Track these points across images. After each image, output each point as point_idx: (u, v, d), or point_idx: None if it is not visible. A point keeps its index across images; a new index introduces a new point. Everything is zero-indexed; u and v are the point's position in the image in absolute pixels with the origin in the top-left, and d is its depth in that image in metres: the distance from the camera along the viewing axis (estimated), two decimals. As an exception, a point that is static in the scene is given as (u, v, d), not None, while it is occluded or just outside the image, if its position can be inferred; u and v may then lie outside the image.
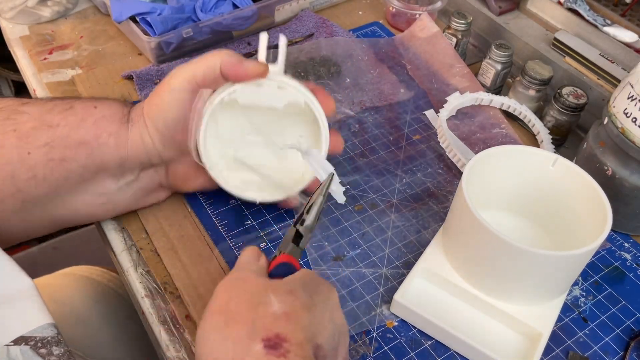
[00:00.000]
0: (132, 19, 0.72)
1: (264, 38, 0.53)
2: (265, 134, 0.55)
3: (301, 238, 0.43)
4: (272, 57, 0.53)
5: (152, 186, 0.54)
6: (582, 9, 0.71)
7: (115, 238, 0.55)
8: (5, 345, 0.39)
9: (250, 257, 0.42)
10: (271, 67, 0.51)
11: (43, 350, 0.39)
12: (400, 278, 0.52)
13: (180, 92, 0.48)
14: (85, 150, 0.47)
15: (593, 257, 0.56)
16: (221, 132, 0.54)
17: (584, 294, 0.53)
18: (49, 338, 0.40)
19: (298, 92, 0.50)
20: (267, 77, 0.50)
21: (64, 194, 0.49)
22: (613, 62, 0.67)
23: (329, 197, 0.46)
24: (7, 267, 0.42)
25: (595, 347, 0.49)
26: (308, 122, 0.53)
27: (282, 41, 0.53)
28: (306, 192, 0.54)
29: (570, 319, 0.51)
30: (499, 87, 0.72)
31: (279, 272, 0.41)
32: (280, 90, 0.51)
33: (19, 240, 0.52)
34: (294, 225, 0.43)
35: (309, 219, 0.43)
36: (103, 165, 0.48)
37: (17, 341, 0.39)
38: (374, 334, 0.49)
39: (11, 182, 0.46)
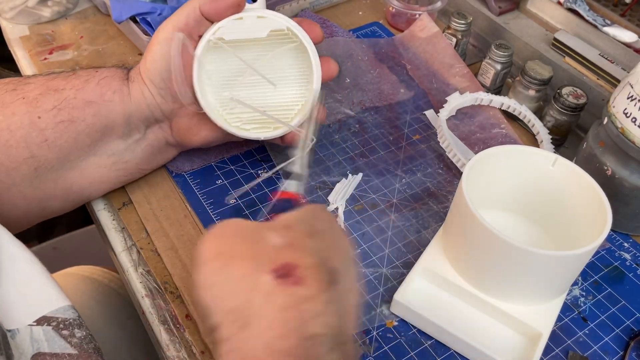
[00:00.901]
0: (132, 19, 0.72)
1: None
2: (257, 70, 0.55)
3: (296, 163, 0.43)
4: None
5: (159, 144, 0.55)
6: (582, 9, 0.71)
7: (115, 238, 0.56)
8: (29, 325, 0.38)
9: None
10: (250, 4, 0.52)
11: (65, 332, 0.39)
12: (400, 278, 0.52)
13: (168, 41, 0.50)
14: (92, 109, 0.49)
15: (593, 257, 0.56)
16: (214, 74, 0.54)
17: (584, 294, 0.53)
18: (70, 320, 0.40)
19: (278, 18, 0.52)
20: (247, 10, 0.51)
21: (74, 158, 0.50)
22: (613, 62, 0.67)
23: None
24: (23, 253, 0.42)
25: (595, 347, 0.49)
26: (298, 52, 0.54)
27: None
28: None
29: (570, 318, 0.51)
30: (499, 87, 0.72)
31: (279, 209, 0.39)
32: (261, 19, 0.52)
33: (35, 219, 0.53)
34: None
35: (301, 141, 0.45)
36: (110, 123, 0.50)
37: (40, 321, 0.39)
38: (374, 333, 0.49)
39: (25, 146, 0.47)
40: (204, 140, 0.56)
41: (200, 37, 0.51)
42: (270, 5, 0.75)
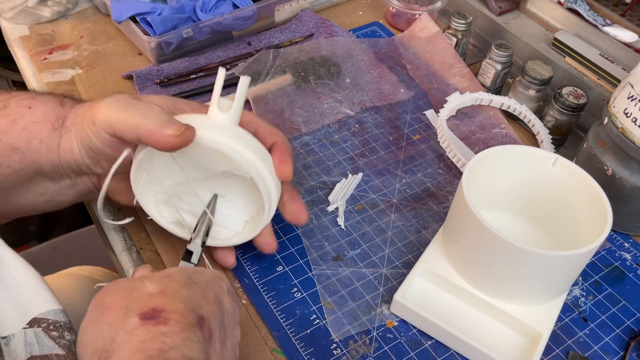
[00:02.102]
0: (132, 19, 0.72)
1: (221, 74, 0.46)
2: (204, 176, 0.51)
3: (191, 255, 0.47)
4: (272, 58, 0.52)
5: (89, 191, 0.51)
6: (582, 9, 0.71)
7: (115, 238, 0.55)
8: (23, 328, 0.39)
9: (139, 272, 0.41)
10: (221, 116, 0.46)
11: (54, 334, 0.39)
12: (400, 278, 0.52)
13: (101, 132, 0.45)
14: (17, 155, 0.46)
15: (593, 257, 0.56)
16: (157, 171, 0.49)
17: (584, 294, 0.53)
18: (61, 323, 0.40)
19: (242, 162, 0.45)
20: (203, 141, 0.44)
21: (4, 194, 0.47)
22: (613, 62, 0.67)
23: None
24: (13, 258, 0.42)
25: (595, 347, 0.49)
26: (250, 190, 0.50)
27: (242, 82, 0.46)
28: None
29: (570, 319, 0.51)
30: (499, 87, 0.72)
31: None
32: (220, 154, 0.45)
33: None
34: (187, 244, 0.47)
35: (198, 237, 0.48)
36: (38, 169, 0.47)
37: (31, 323, 0.39)
38: (374, 333, 0.49)
39: None
40: (129, 202, 0.51)
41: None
42: (270, 5, 0.76)
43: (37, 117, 0.46)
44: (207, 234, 0.48)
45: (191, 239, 0.48)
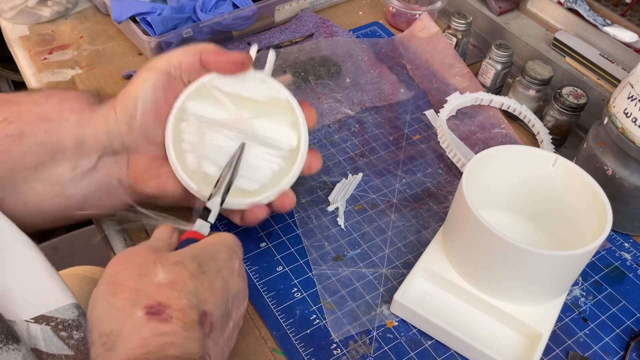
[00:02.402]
0: (132, 19, 0.72)
1: (254, 49, 0.53)
2: (240, 130, 0.51)
3: (209, 213, 0.45)
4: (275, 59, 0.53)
5: (109, 181, 0.49)
6: (582, 9, 0.71)
7: (115, 238, 0.55)
8: (26, 321, 0.39)
9: (160, 235, 0.43)
10: (257, 71, 0.51)
11: (64, 333, 0.40)
12: (400, 278, 0.52)
13: (156, 71, 0.47)
14: (45, 124, 0.45)
15: (593, 257, 0.56)
16: (193, 123, 0.50)
17: (584, 294, 0.53)
18: (70, 321, 0.41)
19: (281, 88, 0.51)
20: (250, 72, 0.50)
21: (17, 179, 0.46)
22: (613, 62, 0.67)
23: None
24: (28, 250, 0.42)
25: (595, 347, 0.49)
26: (287, 125, 0.51)
27: (271, 55, 0.53)
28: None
29: (570, 319, 0.51)
30: (499, 87, 0.72)
31: (183, 247, 0.42)
32: (263, 84, 0.50)
33: None
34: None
35: (217, 194, 0.46)
36: (60, 146, 0.46)
37: (38, 319, 0.40)
38: (374, 333, 0.49)
39: None
40: (160, 189, 0.49)
41: (189, 82, 0.49)
42: (270, 5, 0.76)
43: (75, 94, 0.48)
44: (227, 191, 0.47)
45: (211, 195, 0.46)
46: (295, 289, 0.51)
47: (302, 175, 0.50)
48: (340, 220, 0.57)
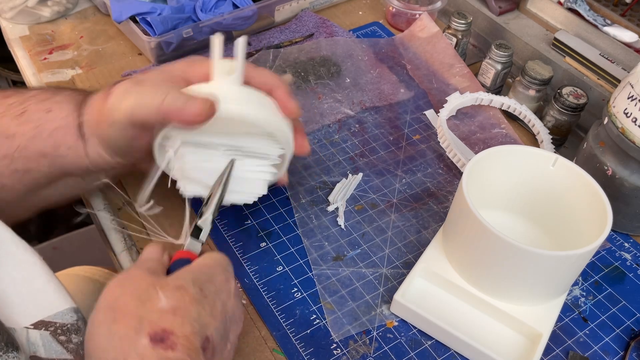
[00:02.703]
0: (132, 19, 0.72)
1: (217, 41, 0.48)
2: (227, 147, 0.50)
3: (201, 231, 0.45)
4: (272, 58, 0.52)
5: (125, 171, 0.53)
6: (582, 9, 0.71)
7: (115, 238, 0.55)
8: (25, 327, 0.39)
9: (150, 254, 0.42)
10: (226, 81, 0.47)
11: (62, 337, 0.40)
12: (400, 278, 0.52)
13: (122, 127, 0.45)
14: (47, 160, 0.47)
15: (593, 257, 0.56)
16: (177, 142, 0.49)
17: (584, 294, 0.53)
18: (68, 325, 0.40)
19: (259, 122, 0.46)
20: (220, 110, 0.45)
21: (37, 190, 0.49)
22: (613, 62, 0.67)
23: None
24: (25, 255, 0.42)
25: (596, 347, 0.49)
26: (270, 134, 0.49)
27: (241, 43, 0.47)
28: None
29: (570, 319, 0.51)
30: (499, 87, 0.72)
31: (177, 268, 0.41)
32: (236, 121, 0.46)
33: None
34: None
35: (208, 212, 0.46)
36: (68, 171, 0.48)
37: (37, 325, 0.39)
38: (374, 333, 0.49)
39: None
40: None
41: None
42: (270, 5, 0.76)
43: (59, 123, 0.47)
44: (218, 208, 0.47)
45: (202, 213, 0.46)
46: (295, 289, 0.51)
47: (297, 155, 0.51)
48: (340, 220, 0.57)
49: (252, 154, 0.50)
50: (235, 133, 0.49)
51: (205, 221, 0.45)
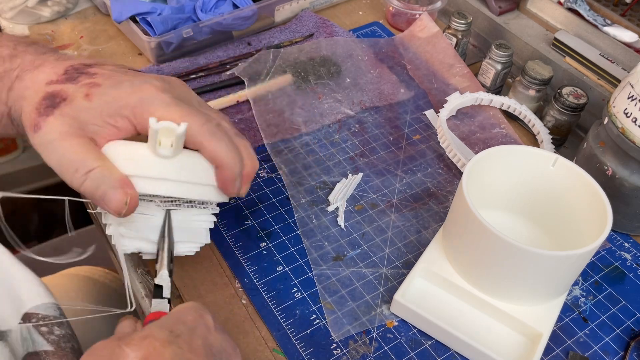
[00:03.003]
0: (132, 19, 0.72)
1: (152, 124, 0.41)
2: (162, 199, 0.47)
3: (162, 289, 0.43)
4: (272, 58, 0.51)
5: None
6: (582, 9, 0.71)
7: (116, 238, 0.55)
8: (19, 324, 0.39)
9: (123, 328, 0.40)
10: (159, 149, 0.42)
11: (44, 329, 0.39)
12: (400, 278, 0.52)
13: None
14: None
15: (593, 257, 0.56)
16: None
17: (584, 294, 0.53)
18: (51, 317, 0.40)
19: (189, 196, 0.44)
20: (137, 187, 0.42)
21: None
22: (613, 62, 0.67)
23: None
24: (2, 253, 0.42)
25: (596, 347, 0.49)
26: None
27: (182, 127, 0.41)
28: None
29: (570, 319, 0.51)
30: (499, 87, 0.72)
31: None
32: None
33: None
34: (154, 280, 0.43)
35: (162, 268, 0.43)
36: None
37: (24, 318, 0.39)
38: (374, 333, 0.49)
39: None
40: None
41: None
42: (270, 5, 0.76)
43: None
44: (171, 260, 0.45)
45: (156, 271, 0.44)
46: (295, 289, 0.51)
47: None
48: (340, 220, 0.57)
49: (188, 205, 0.47)
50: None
51: (163, 277, 0.43)
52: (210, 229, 0.49)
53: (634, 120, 0.50)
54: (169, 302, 0.43)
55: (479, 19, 0.78)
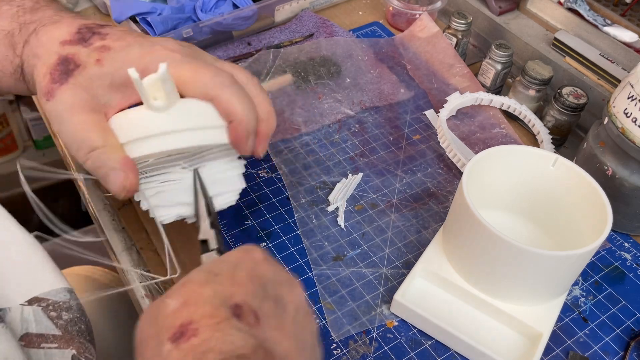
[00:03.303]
0: (132, 19, 0.72)
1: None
2: (186, 158, 0.46)
3: (207, 243, 0.42)
4: (272, 58, 0.50)
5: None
6: (582, 9, 0.71)
7: (115, 238, 0.55)
8: (20, 304, 0.39)
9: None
10: (153, 104, 0.41)
11: (53, 314, 0.40)
12: (400, 278, 0.52)
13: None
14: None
15: (593, 257, 0.56)
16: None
17: (584, 294, 0.53)
18: (60, 303, 0.41)
19: (186, 147, 0.42)
20: (142, 149, 0.42)
21: None
22: (613, 62, 0.67)
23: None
24: (23, 235, 0.42)
25: (595, 347, 0.49)
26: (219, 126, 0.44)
27: (162, 68, 0.39)
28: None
29: (570, 319, 0.51)
30: (499, 87, 0.72)
31: None
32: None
33: None
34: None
35: (203, 221, 0.43)
36: None
37: (31, 301, 0.40)
38: (374, 333, 0.49)
39: None
40: None
41: None
42: (270, 5, 0.76)
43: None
44: (210, 212, 0.44)
45: (198, 227, 0.43)
46: (295, 289, 0.51)
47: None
48: (340, 220, 0.57)
49: (212, 157, 0.46)
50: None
51: (205, 231, 0.43)
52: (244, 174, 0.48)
53: (634, 120, 0.50)
54: (219, 252, 0.42)
55: (479, 19, 0.78)
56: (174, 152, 0.42)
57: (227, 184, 0.47)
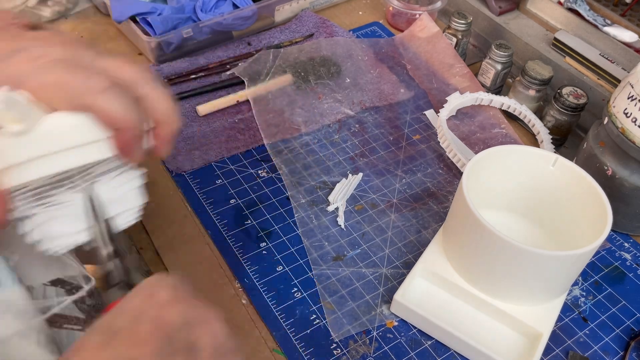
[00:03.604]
0: (132, 19, 0.72)
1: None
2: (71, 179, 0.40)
3: (111, 276, 0.38)
4: (272, 58, 0.49)
5: None
6: (582, 9, 0.71)
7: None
8: (43, 284, 0.39)
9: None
10: (14, 129, 0.34)
11: (76, 297, 0.40)
12: (400, 278, 0.52)
13: None
14: None
15: (593, 257, 0.56)
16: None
17: (584, 294, 0.53)
18: (84, 287, 0.40)
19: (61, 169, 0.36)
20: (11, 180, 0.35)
21: None
22: (613, 62, 0.67)
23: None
24: None
25: (595, 347, 0.49)
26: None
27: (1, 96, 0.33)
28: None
29: (570, 319, 0.51)
30: (499, 87, 0.72)
31: None
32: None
33: None
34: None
35: (105, 247, 0.39)
36: None
37: (55, 282, 0.39)
38: (374, 333, 0.49)
39: None
40: None
41: None
42: (270, 5, 0.76)
43: None
44: (111, 238, 0.39)
45: (103, 259, 0.39)
46: (295, 289, 0.51)
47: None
48: (340, 220, 0.57)
49: (100, 173, 0.40)
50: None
51: (104, 262, 0.38)
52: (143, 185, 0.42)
53: (634, 120, 0.50)
54: (127, 285, 0.38)
55: (479, 19, 0.78)
56: (47, 177, 0.36)
57: (125, 202, 0.41)
